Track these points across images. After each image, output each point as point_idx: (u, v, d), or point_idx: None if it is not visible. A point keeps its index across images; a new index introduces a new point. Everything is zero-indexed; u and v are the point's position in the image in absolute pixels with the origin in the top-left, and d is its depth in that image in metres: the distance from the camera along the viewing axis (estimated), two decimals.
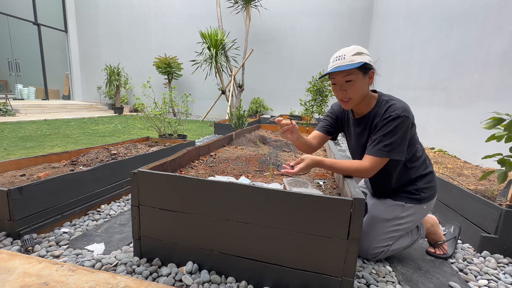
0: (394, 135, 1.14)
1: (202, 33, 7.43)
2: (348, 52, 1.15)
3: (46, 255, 1.25)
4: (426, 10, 4.66)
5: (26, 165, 1.92)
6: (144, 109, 3.49)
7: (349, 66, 1.13)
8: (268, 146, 2.74)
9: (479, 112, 3.09)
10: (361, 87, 1.19)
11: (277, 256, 1.04)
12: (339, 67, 1.15)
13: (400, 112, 1.13)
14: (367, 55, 1.17)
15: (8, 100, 7.00)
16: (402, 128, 1.13)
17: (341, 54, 1.16)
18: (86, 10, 10.48)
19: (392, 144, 1.14)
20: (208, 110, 8.20)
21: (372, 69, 1.19)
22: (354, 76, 1.16)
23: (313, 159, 1.25)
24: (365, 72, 1.18)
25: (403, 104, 1.18)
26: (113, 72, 9.04)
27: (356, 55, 1.14)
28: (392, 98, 1.23)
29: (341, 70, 1.14)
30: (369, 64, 1.16)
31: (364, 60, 1.13)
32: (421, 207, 1.29)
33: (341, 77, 1.18)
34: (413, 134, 1.24)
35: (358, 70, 1.16)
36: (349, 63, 1.13)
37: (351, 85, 1.18)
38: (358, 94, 1.19)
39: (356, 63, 1.13)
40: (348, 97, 1.21)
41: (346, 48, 1.18)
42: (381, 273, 1.24)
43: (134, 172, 1.15)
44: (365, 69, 1.17)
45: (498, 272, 1.31)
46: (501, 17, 2.89)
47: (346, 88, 1.19)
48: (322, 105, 4.76)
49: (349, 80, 1.17)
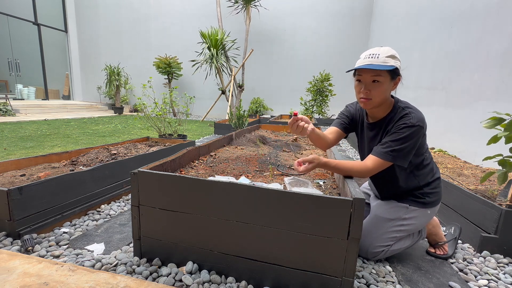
0: (405, 142, 1.13)
1: (202, 33, 7.43)
2: (383, 53, 1.12)
3: (46, 255, 1.25)
4: (426, 10, 4.66)
5: (26, 165, 1.92)
6: (144, 109, 3.49)
7: (382, 67, 1.10)
8: (268, 146, 2.74)
9: (479, 112, 3.09)
10: (385, 91, 1.16)
11: (277, 256, 1.04)
12: (371, 65, 1.11)
13: (415, 122, 1.13)
14: (399, 60, 1.15)
15: (8, 100, 7.00)
16: (414, 137, 1.13)
17: (375, 53, 1.13)
18: (86, 10, 10.48)
19: (401, 151, 1.14)
20: (208, 110, 8.20)
21: (399, 76, 1.18)
22: (383, 78, 1.14)
23: (321, 162, 1.24)
24: (393, 77, 1.16)
25: (419, 114, 1.17)
26: (113, 72, 9.04)
27: (390, 57, 1.12)
28: (408, 106, 1.21)
29: (373, 68, 1.11)
30: (399, 70, 1.15)
31: (396, 65, 1.12)
32: (425, 211, 1.29)
33: (369, 75, 1.15)
34: (423, 144, 1.24)
35: (387, 73, 1.13)
36: (382, 63, 1.11)
37: (376, 86, 1.15)
38: (381, 97, 1.17)
39: (388, 66, 1.10)
40: (370, 97, 1.17)
41: (380, 47, 1.15)
42: (381, 273, 1.24)
43: (134, 172, 1.15)
44: (394, 74, 1.15)
45: (498, 272, 1.31)
46: (501, 17, 2.89)
47: (370, 88, 1.16)
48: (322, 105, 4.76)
49: (377, 81, 1.14)
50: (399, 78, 1.19)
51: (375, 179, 1.41)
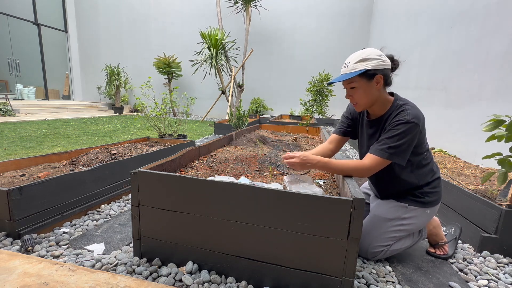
0: (400, 139, 1.14)
1: (202, 33, 7.43)
2: (353, 60, 1.19)
3: (46, 255, 1.25)
4: (426, 10, 4.66)
5: (26, 165, 1.92)
6: (144, 109, 3.49)
7: (350, 75, 1.17)
8: (268, 146, 2.74)
9: (479, 112, 3.09)
10: (367, 93, 1.21)
11: (277, 256, 1.04)
12: (342, 76, 1.22)
13: (410, 118, 1.13)
14: (375, 59, 1.16)
15: (8, 100, 6.99)
16: (409, 134, 1.13)
17: (347, 62, 1.21)
18: (86, 10, 10.48)
19: (397, 148, 1.14)
20: (208, 110, 8.20)
21: (378, 74, 1.18)
22: (357, 84, 1.20)
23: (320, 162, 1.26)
24: (369, 78, 1.18)
25: (416, 111, 1.17)
26: (113, 72, 9.04)
27: (360, 62, 1.16)
28: (407, 103, 1.22)
29: (343, 79, 1.20)
30: (373, 69, 1.16)
31: (367, 67, 1.15)
32: (425, 211, 1.29)
33: (345, 84, 1.25)
34: (421, 143, 1.23)
35: (359, 78, 1.19)
36: (351, 71, 1.18)
37: (355, 91, 1.23)
38: (365, 99, 1.23)
39: (357, 71, 1.16)
40: (355, 102, 1.26)
41: (354, 54, 1.21)
42: (381, 273, 1.24)
43: (134, 172, 1.15)
44: (368, 75, 1.18)
45: (498, 272, 1.31)
46: (501, 17, 2.89)
47: (351, 94, 1.25)
48: (322, 105, 4.76)
49: (353, 87, 1.22)
50: (379, 76, 1.18)
51: (375, 179, 1.41)
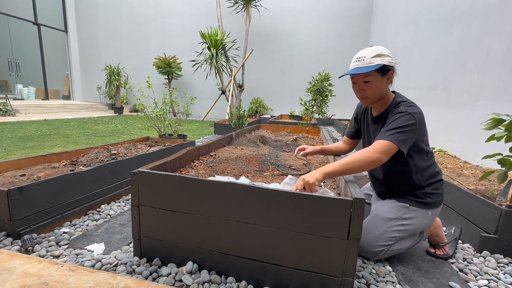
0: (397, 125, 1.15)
1: (202, 33, 7.43)
2: (368, 54, 1.20)
3: (46, 255, 1.25)
4: (426, 10, 4.66)
5: (26, 165, 1.92)
6: (144, 109, 3.49)
7: (368, 69, 1.18)
8: (268, 146, 2.74)
9: (479, 112, 3.09)
10: (379, 87, 1.24)
11: (277, 256, 1.04)
12: (357, 69, 1.21)
13: (404, 109, 1.18)
14: (388, 56, 1.21)
15: (8, 100, 7.00)
16: (405, 122, 1.15)
17: (361, 56, 1.21)
18: (86, 10, 10.48)
19: (395, 130, 1.15)
20: (208, 110, 8.20)
21: (391, 70, 1.23)
22: (372, 78, 1.21)
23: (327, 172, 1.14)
24: (383, 73, 1.22)
25: (412, 106, 1.21)
26: (113, 72, 9.04)
27: (376, 57, 1.18)
28: (405, 99, 1.27)
29: (361, 72, 1.19)
30: (388, 65, 1.20)
31: (383, 62, 1.18)
32: (426, 212, 1.29)
33: (359, 78, 1.24)
34: (422, 135, 1.24)
35: (376, 72, 1.20)
36: (368, 65, 1.19)
37: (369, 85, 1.24)
38: (376, 93, 1.25)
39: (374, 65, 1.18)
40: (366, 95, 1.27)
41: (367, 49, 1.23)
42: (381, 273, 1.24)
43: (134, 172, 1.15)
44: (383, 70, 1.21)
45: (498, 272, 1.31)
46: (501, 17, 2.89)
47: (364, 88, 1.25)
48: (322, 105, 4.76)
49: (367, 81, 1.23)
50: (391, 72, 1.24)
51: (378, 178, 1.41)
